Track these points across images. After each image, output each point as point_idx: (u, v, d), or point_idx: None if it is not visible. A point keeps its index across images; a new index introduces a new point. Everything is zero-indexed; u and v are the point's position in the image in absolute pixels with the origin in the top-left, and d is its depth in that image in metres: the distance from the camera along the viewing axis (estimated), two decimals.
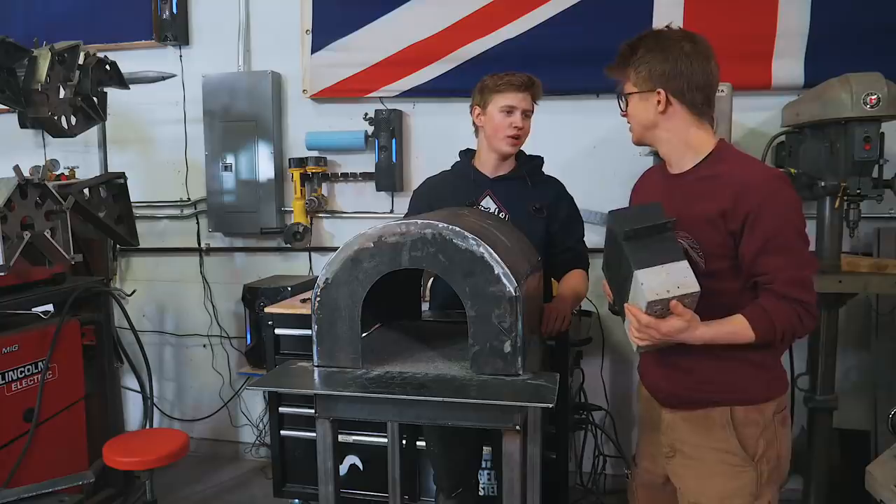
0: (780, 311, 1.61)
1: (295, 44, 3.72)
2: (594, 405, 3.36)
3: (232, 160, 3.80)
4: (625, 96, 1.80)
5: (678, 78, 1.70)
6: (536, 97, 2.46)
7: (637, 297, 1.60)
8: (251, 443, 4.04)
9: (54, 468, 2.74)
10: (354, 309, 1.74)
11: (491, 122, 2.42)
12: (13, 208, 2.56)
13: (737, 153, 1.75)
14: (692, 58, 1.69)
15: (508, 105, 2.39)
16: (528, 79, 2.41)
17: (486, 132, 2.45)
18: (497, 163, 2.49)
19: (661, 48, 1.71)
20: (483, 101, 2.43)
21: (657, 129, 1.76)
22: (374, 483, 3.07)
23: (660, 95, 1.71)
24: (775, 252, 1.61)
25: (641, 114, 1.77)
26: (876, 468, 2.28)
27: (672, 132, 1.75)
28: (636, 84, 1.75)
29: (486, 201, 2.47)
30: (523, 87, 2.40)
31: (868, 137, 2.54)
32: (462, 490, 2.59)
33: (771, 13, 3.12)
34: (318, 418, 1.74)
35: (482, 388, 1.64)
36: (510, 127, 2.39)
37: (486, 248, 1.65)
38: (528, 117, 2.45)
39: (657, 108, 1.72)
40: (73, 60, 2.94)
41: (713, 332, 1.63)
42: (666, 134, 1.76)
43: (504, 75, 2.42)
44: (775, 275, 1.61)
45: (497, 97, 2.39)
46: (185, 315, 4.10)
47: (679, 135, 1.74)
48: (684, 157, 1.76)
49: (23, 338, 2.80)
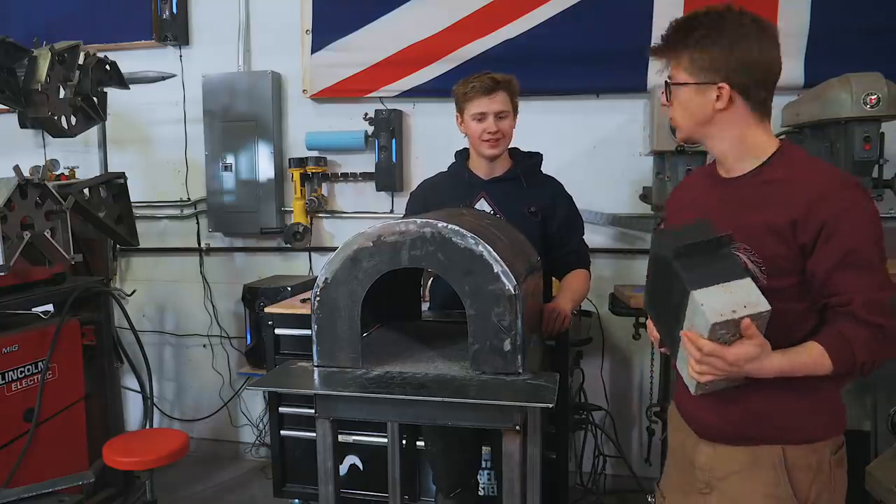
0: (861, 338, 1.39)
1: (295, 44, 3.72)
2: (594, 405, 3.35)
3: (232, 160, 3.80)
4: (674, 86, 1.54)
5: (745, 71, 1.45)
6: (512, 94, 2.40)
7: (696, 323, 1.37)
8: (251, 443, 4.04)
9: (54, 468, 2.74)
10: (354, 308, 1.74)
11: (469, 129, 2.42)
12: (13, 208, 2.56)
13: (806, 156, 1.52)
14: (762, 47, 1.45)
15: (479, 112, 2.37)
16: (492, 80, 2.36)
17: (470, 139, 2.47)
18: (489, 165, 2.48)
19: (726, 31, 1.45)
20: (459, 109, 2.44)
21: (711, 126, 1.52)
22: (374, 483, 3.07)
23: (721, 90, 1.47)
24: (854, 269, 1.40)
25: (695, 108, 1.51)
26: (876, 468, 2.28)
27: (729, 131, 1.51)
28: (691, 72, 1.49)
29: (481, 203, 2.46)
30: (489, 91, 2.35)
31: (868, 137, 2.54)
32: (461, 490, 2.58)
33: (771, 13, 3.12)
34: (318, 418, 1.74)
35: (482, 389, 1.64)
36: (484, 133, 2.38)
37: (486, 246, 1.65)
38: (504, 118, 2.40)
39: (715, 103, 1.48)
40: (73, 60, 2.94)
41: (788, 361, 1.41)
42: (721, 132, 1.52)
43: (470, 80, 2.39)
44: (853, 296, 1.40)
45: (468, 105, 2.39)
46: (185, 315, 4.10)
47: (737, 134, 1.51)
48: (743, 159, 1.52)
49: (23, 338, 2.80)
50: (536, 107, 3.46)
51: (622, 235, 3.47)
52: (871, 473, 2.25)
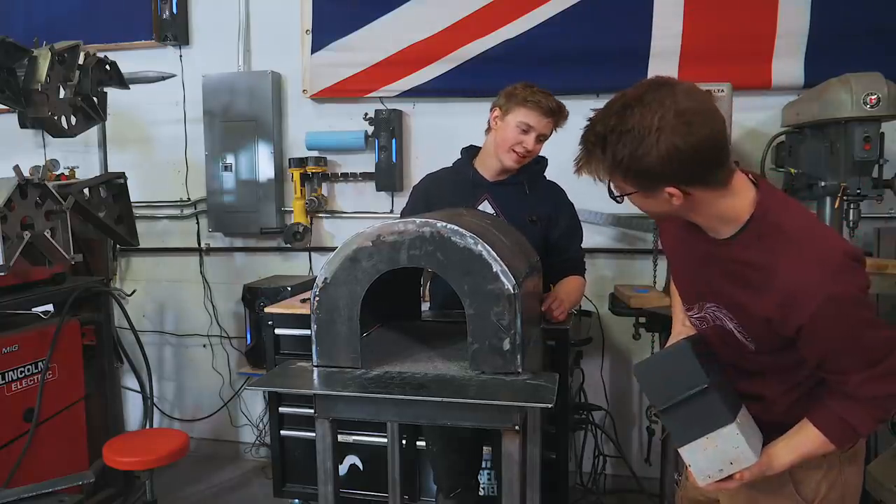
0: (857, 412, 1.40)
1: (295, 44, 3.72)
2: (594, 405, 3.35)
3: (232, 160, 3.80)
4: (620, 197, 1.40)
5: (684, 167, 1.28)
6: (558, 125, 2.38)
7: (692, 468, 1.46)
8: (251, 443, 4.04)
9: (54, 468, 2.75)
10: (353, 308, 1.74)
11: (504, 131, 2.36)
12: (13, 208, 2.56)
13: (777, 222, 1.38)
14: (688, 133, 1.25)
15: (528, 123, 2.31)
16: (558, 106, 2.34)
17: (496, 138, 2.40)
18: (499, 169, 2.46)
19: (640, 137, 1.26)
20: (506, 108, 2.36)
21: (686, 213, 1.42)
22: (374, 483, 3.07)
23: (672, 193, 1.32)
24: (844, 356, 1.38)
25: (655, 208, 1.40)
26: (876, 468, 2.28)
27: (700, 212, 1.40)
28: (631, 183, 1.34)
29: (484, 205, 2.45)
30: (549, 113, 2.32)
31: (868, 137, 2.53)
32: (461, 490, 2.59)
33: (771, 13, 3.12)
34: (317, 418, 1.74)
35: (481, 389, 1.64)
36: (519, 145, 2.34)
37: (485, 246, 1.65)
38: (541, 142, 2.38)
39: (671, 201, 1.34)
40: (73, 60, 2.94)
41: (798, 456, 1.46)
42: (694, 215, 1.42)
43: (538, 92, 2.33)
44: (848, 377, 1.39)
45: (520, 110, 2.32)
46: (185, 315, 4.10)
47: (710, 212, 1.40)
48: (721, 228, 1.43)
49: (23, 338, 2.80)
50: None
51: (622, 235, 3.47)
52: (871, 473, 2.25)
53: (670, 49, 3.23)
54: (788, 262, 1.34)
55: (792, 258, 1.34)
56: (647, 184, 1.32)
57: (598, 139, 1.32)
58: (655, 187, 1.33)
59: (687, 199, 1.34)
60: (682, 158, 1.26)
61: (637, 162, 1.27)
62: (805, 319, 1.32)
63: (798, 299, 1.32)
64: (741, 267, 1.41)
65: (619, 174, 1.33)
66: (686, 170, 1.29)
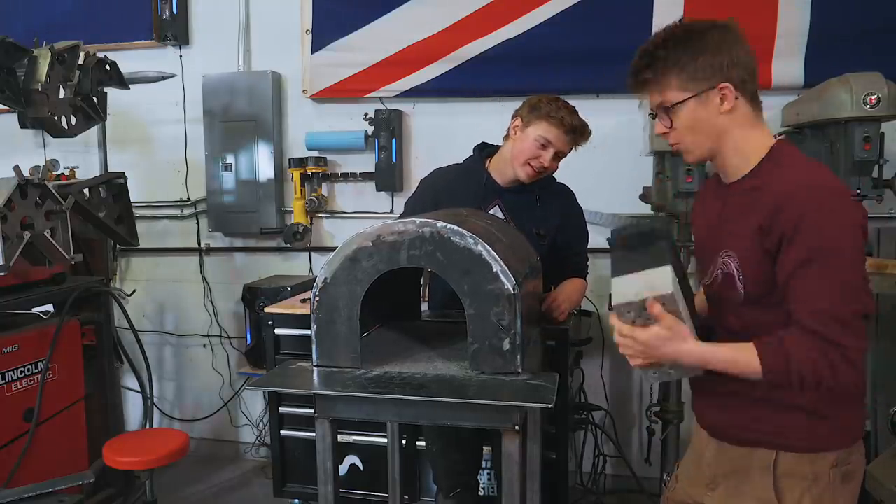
0: (802, 348, 1.32)
1: (295, 44, 3.72)
2: (594, 405, 3.35)
3: (232, 160, 3.80)
4: (671, 108, 1.46)
5: (738, 65, 1.42)
6: (578, 144, 2.36)
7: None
8: (251, 443, 4.04)
9: (54, 468, 2.74)
10: (353, 308, 1.74)
11: (522, 142, 2.33)
12: (13, 208, 2.56)
13: (792, 157, 1.46)
14: (738, 40, 1.44)
15: (547, 139, 2.29)
16: (582, 126, 2.32)
17: (514, 149, 2.37)
18: (512, 177, 2.42)
19: (702, 38, 1.42)
20: (528, 119, 2.33)
21: (721, 137, 1.47)
22: (374, 483, 3.07)
23: (724, 91, 1.42)
24: (813, 276, 1.33)
25: (703, 121, 1.45)
26: (876, 468, 2.28)
27: (735, 137, 1.46)
28: (686, 87, 1.43)
29: (495, 210, 2.44)
30: (571, 131, 2.30)
31: (868, 137, 2.53)
32: (461, 490, 2.59)
33: (771, 13, 3.12)
34: (317, 418, 1.74)
35: (481, 389, 1.64)
36: (536, 160, 2.31)
37: (485, 246, 1.65)
38: (559, 159, 2.36)
39: (721, 107, 1.43)
40: (73, 60, 2.94)
41: (711, 352, 1.40)
42: (729, 142, 1.47)
43: (562, 107, 2.31)
44: (805, 304, 1.34)
45: (542, 124, 2.29)
46: (185, 315, 4.10)
47: (740, 138, 1.46)
48: (740, 165, 1.49)
49: (23, 338, 2.80)
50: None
51: None
52: (871, 473, 2.25)
53: None
54: (784, 177, 1.40)
55: (787, 175, 1.41)
56: (704, 79, 1.41)
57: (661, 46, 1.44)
58: (712, 82, 1.41)
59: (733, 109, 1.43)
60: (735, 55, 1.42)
61: (701, 50, 1.41)
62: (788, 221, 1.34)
63: (788, 199, 1.35)
64: (742, 197, 1.46)
65: (677, 77, 1.43)
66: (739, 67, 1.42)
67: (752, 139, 1.47)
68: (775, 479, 1.47)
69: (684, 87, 1.44)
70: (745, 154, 1.47)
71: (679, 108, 1.45)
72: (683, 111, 1.45)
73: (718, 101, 1.43)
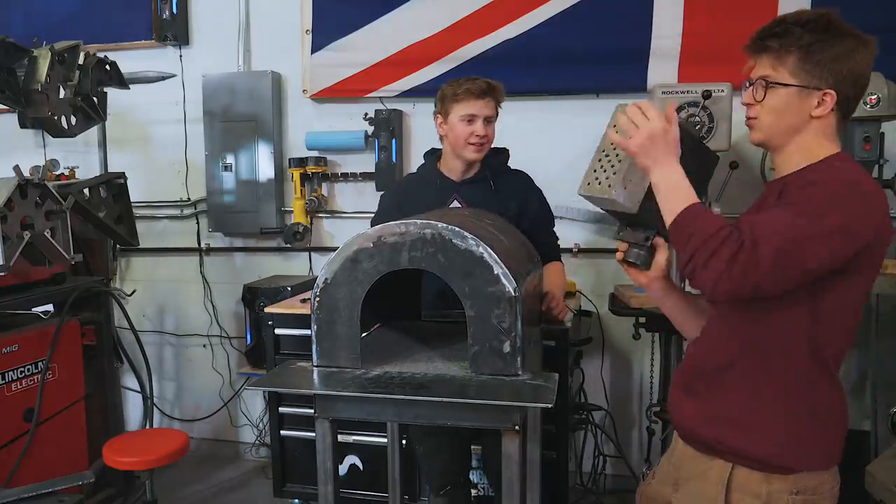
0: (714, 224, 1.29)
1: (295, 44, 3.71)
2: (594, 405, 3.35)
3: (232, 160, 3.80)
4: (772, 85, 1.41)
5: (853, 82, 1.39)
6: (499, 101, 2.44)
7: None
8: (251, 443, 4.04)
9: (54, 468, 2.74)
10: (354, 309, 1.74)
11: (453, 131, 2.42)
12: (13, 208, 2.56)
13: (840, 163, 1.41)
14: (868, 61, 1.40)
15: (469, 114, 2.37)
16: (487, 85, 2.39)
17: (450, 141, 2.46)
18: (464, 168, 2.50)
19: (839, 38, 1.37)
20: (444, 110, 2.43)
21: (796, 135, 1.43)
22: (374, 483, 3.07)
23: (826, 97, 1.38)
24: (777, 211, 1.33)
25: (790, 113, 1.41)
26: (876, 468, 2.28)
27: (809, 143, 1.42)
28: (797, 75, 1.38)
29: (454, 205, 2.49)
30: (483, 94, 2.37)
31: (868, 137, 2.54)
32: (451, 488, 2.60)
33: (771, 13, 3.12)
34: (317, 418, 1.74)
35: (481, 389, 1.64)
36: (472, 136, 2.39)
37: (486, 248, 1.65)
38: (491, 123, 2.43)
39: (814, 110, 1.39)
40: (73, 60, 2.94)
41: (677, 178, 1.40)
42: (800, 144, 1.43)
43: (462, 82, 2.39)
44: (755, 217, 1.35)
45: (457, 106, 2.38)
46: (185, 315, 4.10)
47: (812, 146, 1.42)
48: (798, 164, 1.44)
49: (23, 338, 2.80)
50: (536, 107, 3.46)
51: None
52: (871, 473, 2.25)
53: (670, 49, 3.23)
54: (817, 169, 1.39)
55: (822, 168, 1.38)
56: (818, 77, 1.37)
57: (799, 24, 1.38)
58: (820, 85, 1.37)
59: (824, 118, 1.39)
60: (857, 72, 1.39)
61: (825, 49, 1.36)
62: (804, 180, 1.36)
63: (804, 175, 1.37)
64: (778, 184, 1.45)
65: (796, 60, 1.38)
66: (853, 85, 1.39)
67: (822, 148, 1.42)
68: (727, 493, 1.41)
69: (797, 73, 1.39)
70: (809, 156, 1.42)
71: (779, 90, 1.40)
72: (781, 94, 1.40)
73: (815, 103, 1.39)
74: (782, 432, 1.39)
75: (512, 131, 3.56)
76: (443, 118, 2.45)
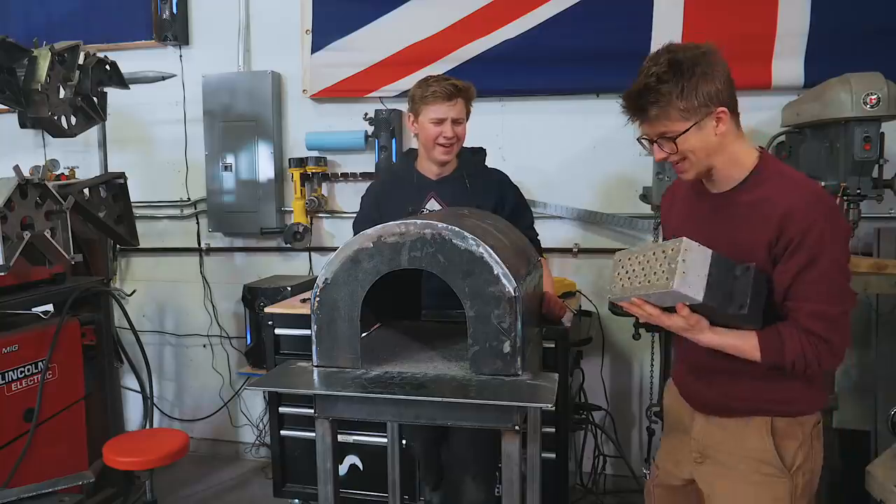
0: (795, 342, 1.54)
1: (295, 44, 3.71)
2: (594, 405, 3.36)
3: (232, 160, 3.80)
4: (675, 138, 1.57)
5: (729, 88, 1.56)
6: (469, 101, 2.43)
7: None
8: (251, 443, 4.04)
9: (54, 468, 2.74)
10: (354, 309, 1.74)
11: (423, 132, 2.42)
12: (13, 208, 2.56)
13: (778, 169, 1.63)
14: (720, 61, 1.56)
15: (437, 117, 2.37)
16: (454, 87, 2.38)
17: (422, 142, 2.47)
18: (439, 167, 2.50)
19: (690, 69, 1.52)
20: (415, 111, 2.44)
21: (715, 154, 1.60)
22: (374, 483, 3.07)
23: (721, 114, 1.55)
24: (810, 280, 1.53)
25: (702, 144, 1.58)
26: (876, 468, 2.28)
27: (726, 151, 1.60)
28: (687, 116, 1.54)
29: (431, 204, 2.49)
30: (450, 97, 2.37)
31: (868, 137, 2.53)
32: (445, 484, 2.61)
33: (771, 13, 3.12)
34: (317, 418, 1.74)
35: (481, 389, 1.64)
36: (441, 137, 2.40)
37: (486, 248, 1.65)
38: (461, 123, 2.43)
39: (716, 129, 1.57)
40: (73, 60, 2.94)
41: (719, 339, 1.61)
42: (721, 156, 1.61)
43: (431, 84, 2.39)
44: (801, 305, 1.54)
45: (425, 108, 2.38)
46: (185, 315, 4.10)
47: (729, 151, 1.61)
48: (730, 175, 1.64)
49: (23, 338, 2.80)
50: (536, 107, 3.47)
51: (623, 236, 3.47)
52: (871, 473, 2.25)
53: None
54: (788, 190, 1.56)
55: (791, 187, 1.57)
56: (702, 108, 1.53)
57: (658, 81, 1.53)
58: (710, 109, 1.54)
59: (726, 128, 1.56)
60: (721, 75, 1.54)
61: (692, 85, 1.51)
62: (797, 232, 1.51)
63: (792, 213, 1.52)
64: (746, 209, 1.60)
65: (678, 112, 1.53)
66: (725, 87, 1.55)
67: (742, 151, 1.63)
68: (776, 441, 1.67)
69: (686, 117, 1.55)
70: (741, 165, 1.62)
71: (683, 136, 1.56)
72: (686, 138, 1.57)
73: (714, 124, 1.56)
74: (799, 386, 1.66)
75: (512, 131, 3.57)
76: (414, 117, 2.46)
